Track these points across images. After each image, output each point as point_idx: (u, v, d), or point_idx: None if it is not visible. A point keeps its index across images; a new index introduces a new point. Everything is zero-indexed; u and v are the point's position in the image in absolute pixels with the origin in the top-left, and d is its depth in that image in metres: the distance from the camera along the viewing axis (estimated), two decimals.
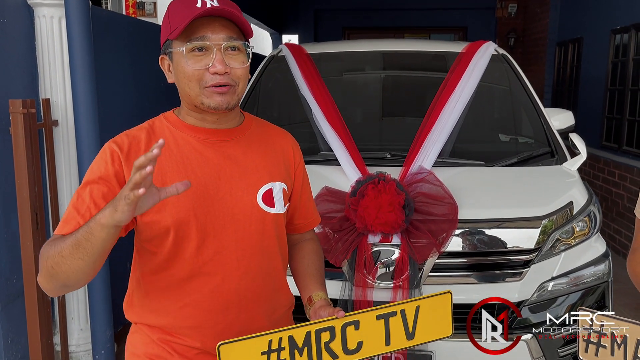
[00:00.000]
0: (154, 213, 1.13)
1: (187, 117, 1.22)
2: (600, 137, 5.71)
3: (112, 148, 1.15)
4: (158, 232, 1.15)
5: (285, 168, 1.31)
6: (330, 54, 3.42)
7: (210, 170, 1.18)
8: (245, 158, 1.23)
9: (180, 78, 1.16)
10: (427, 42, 3.79)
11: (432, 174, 2.15)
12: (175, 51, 1.15)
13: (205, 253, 1.17)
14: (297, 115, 3.06)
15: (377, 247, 2.01)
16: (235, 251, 1.19)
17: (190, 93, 1.15)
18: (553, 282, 2.07)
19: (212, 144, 1.20)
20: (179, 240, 1.16)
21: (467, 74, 2.80)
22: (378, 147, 2.73)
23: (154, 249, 1.18)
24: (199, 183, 1.16)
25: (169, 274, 1.19)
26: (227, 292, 1.19)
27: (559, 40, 7.55)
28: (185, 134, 1.20)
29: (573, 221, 2.16)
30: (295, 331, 1.12)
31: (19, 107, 2.46)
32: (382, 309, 1.20)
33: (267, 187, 1.24)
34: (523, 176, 2.42)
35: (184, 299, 1.19)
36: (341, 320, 1.16)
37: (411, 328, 1.22)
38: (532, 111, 2.90)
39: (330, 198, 2.10)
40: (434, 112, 2.59)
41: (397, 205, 1.95)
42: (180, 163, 1.16)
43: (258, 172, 1.24)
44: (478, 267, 2.08)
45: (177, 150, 1.18)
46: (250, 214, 1.21)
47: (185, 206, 1.14)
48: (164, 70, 1.21)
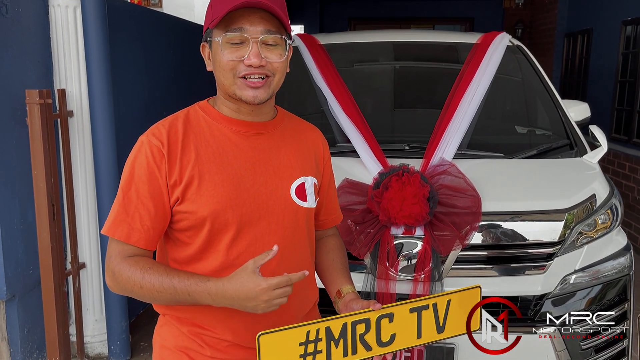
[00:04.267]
0: (190, 203, 1.14)
1: (222, 107, 1.22)
2: (610, 129, 5.69)
3: (152, 142, 1.14)
4: (194, 222, 1.15)
5: (316, 163, 1.32)
6: (343, 44, 3.39)
7: (245, 162, 1.18)
8: (279, 152, 1.23)
9: (216, 67, 1.17)
10: (438, 33, 3.77)
11: (454, 166, 2.13)
12: (214, 40, 1.16)
13: (239, 244, 1.17)
14: (311, 106, 3.04)
15: (400, 240, 2.00)
16: (268, 243, 1.19)
17: (224, 82, 1.16)
18: (575, 275, 2.06)
19: (247, 137, 1.20)
20: (215, 231, 1.15)
21: (484, 65, 2.78)
22: (394, 138, 2.71)
23: (187, 240, 1.18)
24: (235, 174, 1.16)
25: (201, 265, 1.18)
26: None
27: (568, 31, 7.49)
28: (221, 125, 1.20)
29: (595, 214, 2.14)
30: (332, 322, 1.13)
31: (35, 98, 2.45)
32: (415, 302, 1.21)
33: (300, 181, 1.25)
34: (544, 168, 2.40)
35: None
36: (376, 312, 1.17)
37: (442, 321, 1.24)
38: (549, 102, 2.87)
39: (352, 190, 2.08)
40: (452, 104, 2.57)
41: (421, 197, 1.93)
42: (217, 154, 1.17)
43: (291, 166, 1.24)
44: (501, 260, 2.06)
45: (213, 141, 1.18)
46: (284, 207, 1.21)
47: (222, 197, 1.14)
48: (204, 57, 1.21)
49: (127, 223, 1.12)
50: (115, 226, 1.13)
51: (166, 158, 1.13)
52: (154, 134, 1.16)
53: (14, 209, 2.51)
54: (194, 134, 1.17)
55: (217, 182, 1.14)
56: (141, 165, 1.13)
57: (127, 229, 1.13)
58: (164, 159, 1.13)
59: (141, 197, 1.13)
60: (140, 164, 1.13)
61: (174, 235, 1.20)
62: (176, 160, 1.13)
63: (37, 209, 2.51)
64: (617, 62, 5.70)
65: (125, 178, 1.15)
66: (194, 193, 1.13)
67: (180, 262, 1.20)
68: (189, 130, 1.17)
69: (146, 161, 1.13)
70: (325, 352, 1.12)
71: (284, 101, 3.40)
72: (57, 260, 2.58)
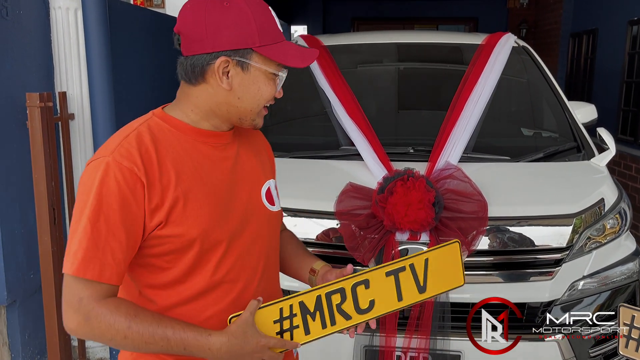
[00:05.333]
0: (176, 225, 1.04)
1: (198, 120, 1.11)
2: (617, 130, 5.64)
3: (122, 165, 1.00)
4: (180, 245, 1.06)
5: (270, 165, 1.31)
6: (346, 45, 3.36)
7: (220, 174, 1.13)
8: (243, 159, 1.20)
9: (252, 93, 1.08)
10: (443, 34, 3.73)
11: (460, 170, 2.10)
12: (259, 67, 1.07)
13: (228, 260, 1.12)
14: (314, 108, 3.01)
15: (404, 245, 1.97)
16: (253, 254, 1.17)
17: (252, 110, 1.10)
18: (584, 281, 2.02)
19: (215, 147, 1.14)
20: (204, 252, 1.09)
21: (489, 66, 2.75)
22: (399, 141, 2.68)
23: (165, 265, 1.08)
24: (215, 189, 1.10)
25: (185, 287, 1.10)
26: (248, 297, 1.15)
27: (573, 31, 7.45)
28: (189, 136, 1.10)
29: (604, 219, 2.11)
30: (305, 296, 1.12)
31: (36, 101, 2.42)
32: (390, 265, 1.19)
33: (267, 186, 1.23)
34: (551, 172, 2.37)
35: (206, 311, 1.11)
36: (350, 280, 1.15)
37: (422, 281, 1.21)
38: (556, 104, 2.84)
39: (356, 195, 2.05)
40: (457, 106, 2.54)
41: (427, 202, 1.90)
42: (193, 169, 1.09)
43: (257, 172, 1.22)
44: (508, 266, 2.03)
45: (186, 156, 1.09)
46: (261, 214, 1.19)
47: (209, 215, 1.08)
48: (218, 73, 1.06)
49: (99, 259, 0.99)
50: (85, 264, 0.98)
51: (143, 181, 1.01)
52: (122, 154, 1.01)
53: (14, 213, 2.49)
54: (165, 150, 1.06)
55: (201, 199, 1.07)
56: (110, 192, 0.99)
57: (99, 265, 0.99)
58: (139, 182, 1.01)
59: (112, 227, 0.99)
60: (110, 190, 0.99)
61: (147, 261, 1.08)
62: (155, 182, 1.02)
63: (37, 213, 2.49)
64: (623, 63, 5.65)
65: (90, 206, 0.99)
66: (179, 215, 1.04)
67: (157, 287, 1.10)
68: (160, 147, 1.06)
69: (117, 186, 0.99)
70: (302, 326, 1.10)
71: (288, 103, 3.40)
72: (58, 264, 2.56)
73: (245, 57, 1.05)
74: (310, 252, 1.39)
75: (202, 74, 1.07)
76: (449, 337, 1.93)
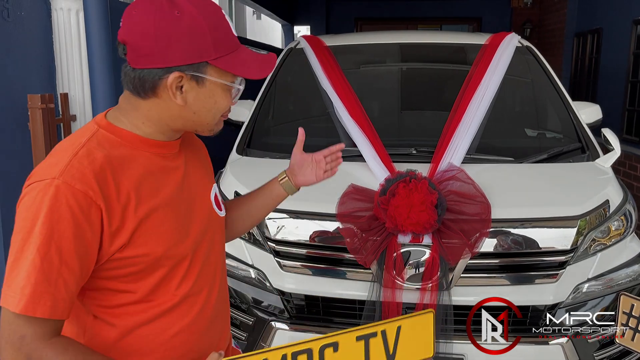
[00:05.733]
0: (139, 246, 0.97)
1: (148, 130, 1.03)
2: (621, 130, 5.60)
3: (75, 188, 0.89)
4: (145, 265, 0.99)
5: (210, 167, 1.27)
6: (349, 46, 3.35)
7: (174, 185, 1.06)
8: (190, 166, 1.14)
9: (209, 107, 1.01)
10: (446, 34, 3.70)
11: (463, 172, 2.08)
12: (214, 80, 0.99)
13: (192, 273, 1.08)
14: (316, 109, 3.00)
15: (407, 248, 1.95)
16: (211, 263, 1.14)
17: (210, 122, 1.04)
18: (588, 283, 2.00)
19: (165, 157, 1.06)
20: (170, 269, 1.03)
21: (492, 66, 2.73)
22: (402, 142, 2.66)
23: (124, 287, 1.00)
24: (172, 201, 1.04)
25: (151, 305, 1.03)
26: (211, 307, 1.13)
27: (577, 30, 7.41)
28: (139, 149, 1.02)
29: (609, 220, 2.08)
30: (270, 354, 1.04)
31: (37, 102, 2.42)
32: (362, 329, 1.12)
33: (214, 192, 1.19)
34: (555, 173, 2.35)
35: (172, 328, 1.06)
36: (319, 342, 1.08)
37: (392, 349, 1.15)
38: (560, 105, 2.81)
39: (358, 196, 2.03)
40: (460, 107, 2.52)
41: (429, 204, 1.88)
42: (149, 183, 1.01)
43: (204, 179, 1.18)
44: (512, 268, 2.01)
45: (141, 170, 1.00)
46: (213, 221, 1.16)
47: (173, 230, 1.02)
48: (171, 89, 0.97)
49: (51, 294, 0.87)
50: (35, 301, 0.86)
51: (100, 205, 0.91)
52: (73, 176, 0.90)
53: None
54: (121, 167, 0.96)
55: (162, 215, 1.00)
56: (62, 219, 0.88)
57: (50, 301, 0.87)
58: (95, 206, 0.91)
59: (65, 258, 0.88)
60: (61, 217, 0.88)
61: (103, 284, 0.99)
62: (114, 204, 0.93)
63: None
64: (628, 62, 5.61)
65: (40, 236, 0.87)
66: (142, 234, 0.97)
67: (116, 308, 1.01)
68: (115, 163, 0.96)
69: (69, 213, 0.88)
70: None
71: (290, 104, 3.38)
72: None
73: (200, 71, 0.97)
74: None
75: (153, 89, 0.97)
76: (451, 341, 1.91)
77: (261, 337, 2.06)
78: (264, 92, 2.98)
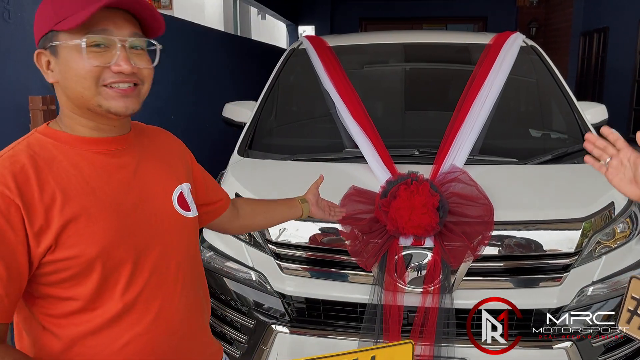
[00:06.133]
0: (69, 247, 0.93)
1: (76, 127, 1.02)
2: (627, 130, 5.56)
3: None
4: (79, 269, 0.95)
5: (183, 166, 1.22)
6: (352, 46, 3.33)
7: (118, 184, 1.02)
8: (148, 164, 1.10)
9: (70, 76, 0.97)
10: (450, 34, 3.67)
11: (466, 173, 2.06)
12: (64, 44, 0.96)
13: (140, 278, 1.03)
14: (319, 110, 2.98)
15: (408, 250, 1.93)
16: (170, 267, 1.08)
17: (84, 93, 0.98)
18: (593, 287, 1.97)
19: (110, 155, 1.04)
20: (109, 272, 0.98)
21: (496, 66, 2.70)
22: (404, 143, 2.63)
23: (65, 294, 0.97)
24: (112, 201, 1.00)
25: (95, 315, 0.99)
26: (168, 315, 1.07)
27: (584, 29, 7.35)
28: (77, 148, 1.00)
29: (614, 223, 2.05)
30: None
31: (38, 104, 2.41)
32: (337, 356, 1.09)
33: (178, 191, 1.14)
34: (559, 174, 2.32)
35: (121, 339, 1.01)
36: None
37: None
38: (565, 105, 2.78)
39: (359, 198, 2.01)
40: (463, 107, 2.49)
41: (431, 207, 1.86)
42: (84, 183, 0.98)
43: (165, 178, 1.13)
44: (515, 271, 1.98)
45: (74, 170, 0.98)
46: (173, 222, 1.10)
47: (107, 230, 0.98)
48: (41, 68, 1.00)
49: None
50: None
51: (19, 204, 0.90)
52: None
53: None
54: (48, 167, 0.95)
55: (95, 215, 0.96)
56: None
57: None
58: (14, 205, 0.89)
59: None
60: None
61: (45, 291, 0.97)
62: (35, 203, 0.91)
63: None
64: (635, 62, 5.57)
65: None
66: (72, 235, 0.93)
67: (59, 318, 0.99)
68: (40, 163, 0.95)
69: None
70: None
71: (293, 105, 3.37)
72: None
73: (52, 40, 0.97)
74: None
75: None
76: (453, 344, 1.89)
77: (262, 340, 2.04)
78: (266, 93, 2.97)
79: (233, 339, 2.13)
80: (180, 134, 1.32)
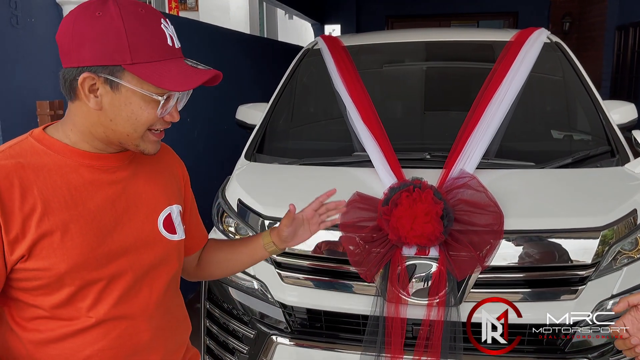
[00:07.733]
0: (41, 259, 0.93)
1: (81, 143, 1.00)
2: None
3: None
4: (48, 281, 0.95)
5: (178, 188, 1.19)
6: (369, 45, 3.24)
7: (103, 200, 1.01)
8: (139, 183, 1.07)
9: (125, 115, 0.96)
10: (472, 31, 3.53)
11: (475, 179, 1.95)
12: (130, 87, 0.94)
13: (110, 296, 1.01)
14: (334, 111, 2.90)
15: (412, 261, 1.84)
16: (144, 288, 1.06)
17: (132, 135, 0.98)
18: (613, 300, 1.83)
19: (102, 171, 1.02)
20: (77, 289, 0.97)
21: (516, 64, 2.57)
22: (418, 146, 2.53)
23: (33, 301, 0.97)
24: (94, 218, 0.99)
25: (58, 325, 0.99)
26: (135, 333, 1.05)
27: (619, 23, 7.04)
28: (69, 159, 0.99)
29: (637, 231, 1.91)
30: None
31: (46, 109, 2.42)
32: None
33: (166, 213, 1.11)
34: (579, 179, 2.17)
35: (83, 350, 1.00)
36: None
37: None
38: (589, 104, 2.63)
39: (362, 205, 1.93)
40: (478, 108, 2.37)
41: (434, 215, 1.76)
42: (69, 196, 0.97)
43: (155, 197, 1.10)
44: (527, 283, 1.86)
45: (61, 181, 0.97)
46: (153, 244, 1.07)
47: (82, 247, 0.96)
48: (84, 91, 0.94)
49: None
50: None
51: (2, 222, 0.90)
52: None
53: None
54: (35, 175, 0.94)
55: (72, 231, 0.95)
56: None
57: None
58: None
59: None
60: None
61: (14, 295, 0.98)
62: (14, 211, 0.91)
63: None
64: None
65: None
66: (45, 248, 0.93)
67: (24, 321, 1.00)
68: (28, 171, 0.94)
69: None
70: None
71: (309, 106, 3.30)
72: None
73: (114, 75, 0.93)
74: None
75: (73, 90, 0.96)
76: (460, 359, 1.79)
77: (262, 351, 1.99)
78: (277, 95, 2.91)
79: (234, 349, 2.08)
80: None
